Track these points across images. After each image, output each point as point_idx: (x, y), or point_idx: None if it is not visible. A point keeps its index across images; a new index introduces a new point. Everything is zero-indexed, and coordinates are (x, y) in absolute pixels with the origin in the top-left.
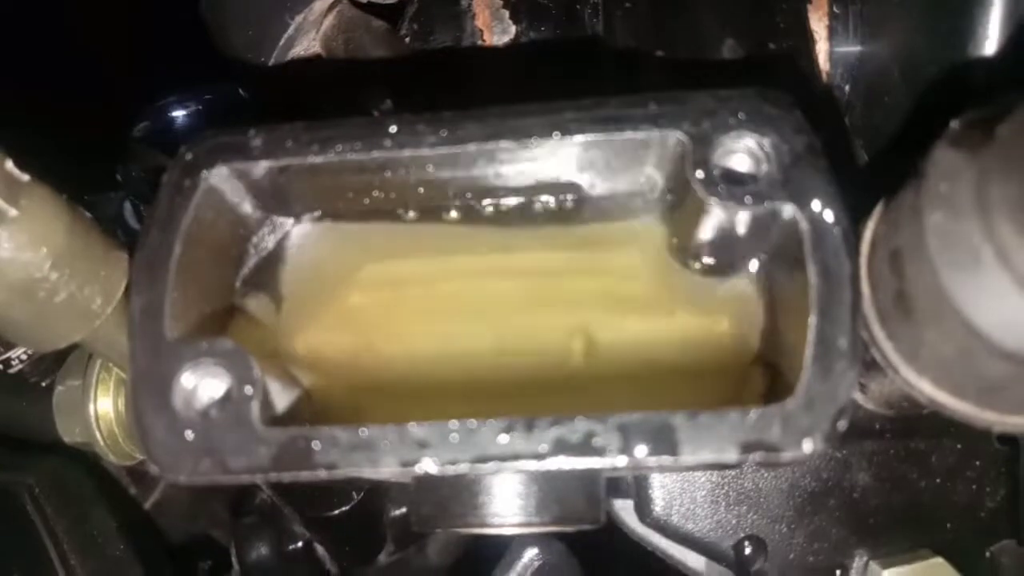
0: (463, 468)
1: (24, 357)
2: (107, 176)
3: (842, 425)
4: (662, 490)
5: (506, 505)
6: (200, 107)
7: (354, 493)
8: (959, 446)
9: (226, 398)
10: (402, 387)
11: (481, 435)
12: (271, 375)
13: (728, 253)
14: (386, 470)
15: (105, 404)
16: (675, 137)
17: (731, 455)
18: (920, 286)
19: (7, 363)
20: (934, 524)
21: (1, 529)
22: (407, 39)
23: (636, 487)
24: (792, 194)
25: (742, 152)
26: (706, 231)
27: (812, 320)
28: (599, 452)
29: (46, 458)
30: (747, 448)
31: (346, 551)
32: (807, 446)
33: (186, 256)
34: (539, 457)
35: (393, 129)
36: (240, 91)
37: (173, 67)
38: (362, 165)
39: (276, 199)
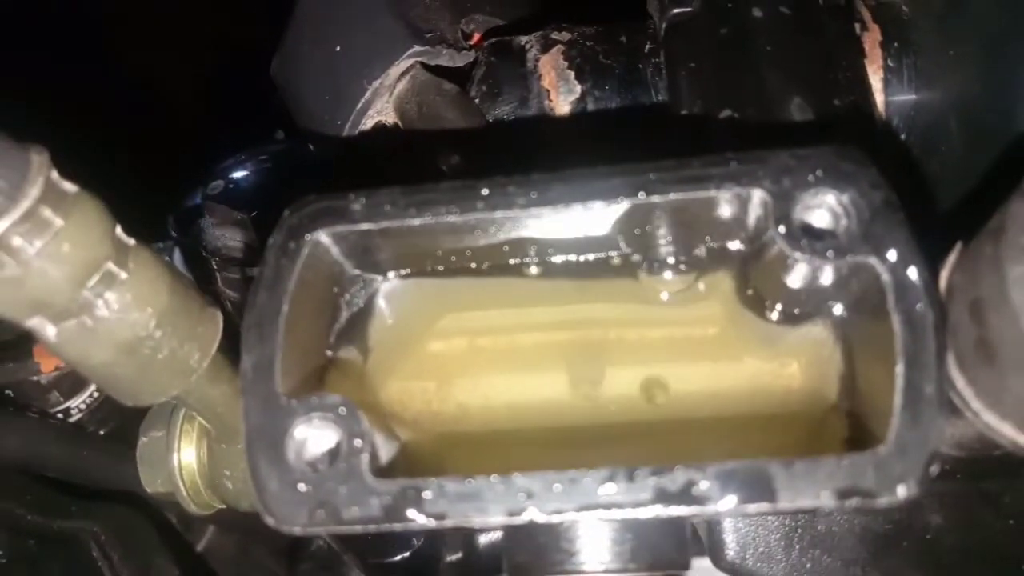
0: (567, 517)
1: (83, 407)
2: (159, 224)
3: (934, 470)
4: (735, 534)
5: (601, 552)
6: (268, 165)
7: (413, 539)
8: None
9: (337, 451)
10: (481, 436)
11: (584, 485)
12: (374, 427)
13: (805, 303)
14: (493, 519)
15: (188, 455)
16: (756, 195)
17: (828, 501)
18: (1003, 335)
19: (67, 412)
20: (1008, 565)
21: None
22: (476, 99)
23: (708, 531)
24: (873, 247)
25: (822, 208)
26: (785, 283)
27: (899, 369)
28: (699, 501)
29: (110, 506)
30: (843, 495)
31: None
32: (902, 491)
33: (292, 314)
34: (641, 505)
35: (485, 192)
36: (308, 147)
37: (237, 124)
38: (454, 227)
39: (370, 258)
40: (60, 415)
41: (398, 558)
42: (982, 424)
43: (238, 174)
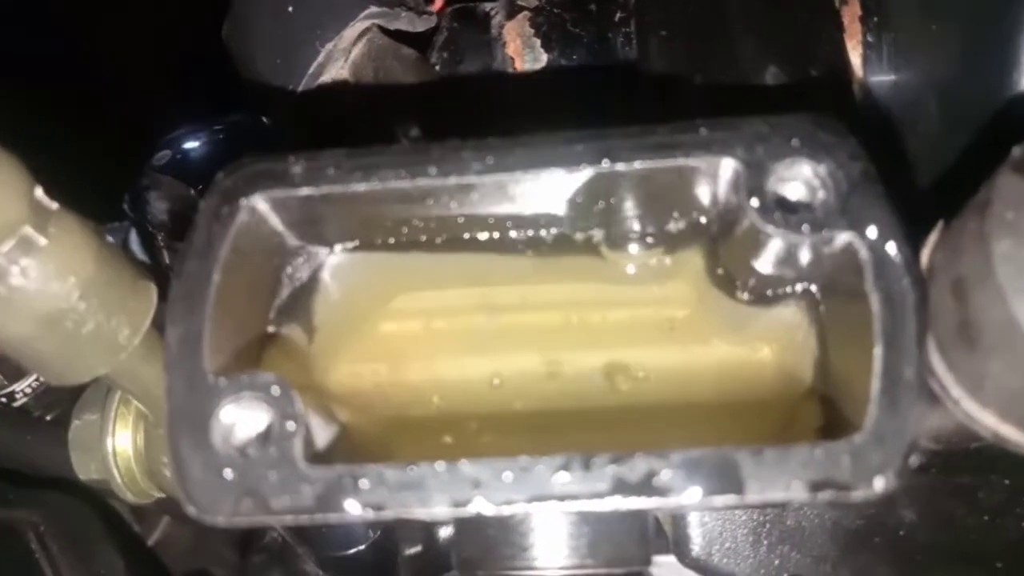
0: (518, 508)
1: (28, 390)
2: (113, 205)
3: (913, 461)
4: (701, 528)
5: (556, 547)
6: (221, 136)
7: (370, 532)
8: (1007, 482)
9: (267, 434)
10: (434, 421)
11: (536, 473)
12: (311, 410)
13: (778, 282)
14: (437, 510)
15: (124, 440)
16: (728, 164)
17: (799, 493)
18: (987, 315)
19: (11, 396)
20: (983, 562)
21: (5, 569)
22: (437, 67)
23: (673, 525)
24: (850, 222)
25: (797, 180)
26: (757, 260)
27: (877, 351)
28: (661, 492)
29: (51, 494)
30: (816, 487)
31: None
32: (879, 484)
33: (224, 286)
34: (598, 496)
35: (437, 156)
36: (263, 119)
37: (188, 95)
38: (405, 194)
39: (313, 228)
40: (3, 399)
41: (353, 551)
42: (962, 413)
43: (188, 145)
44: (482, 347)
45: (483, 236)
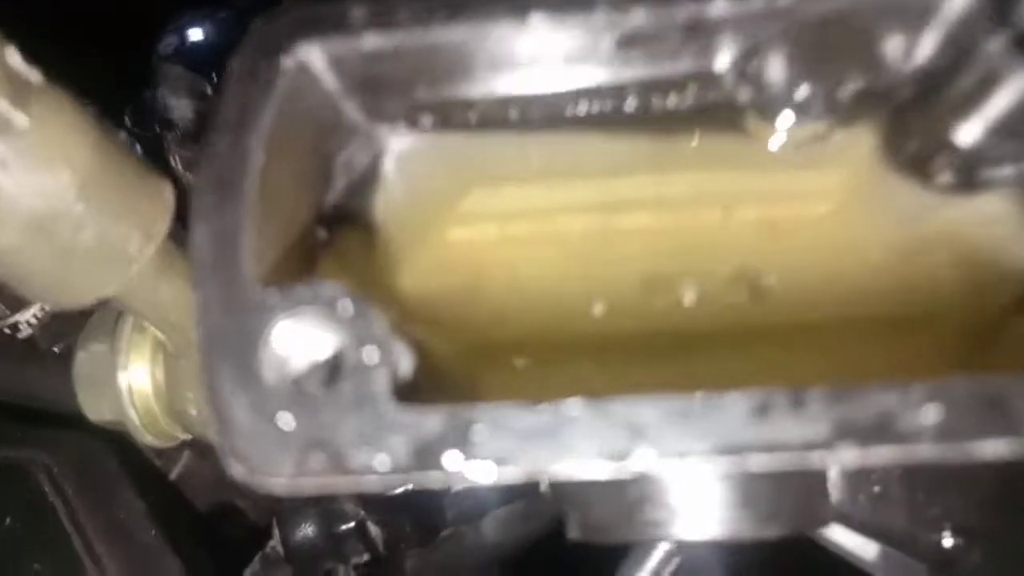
0: (701, 463)
1: (34, 320)
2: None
3: None
4: (843, 473)
5: (719, 510)
6: (234, 22)
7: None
8: None
9: (338, 365)
10: (525, 348)
11: (725, 413)
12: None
13: (991, 157)
14: (585, 466)
15: (140, 374)
16: None
17: None
18: None
19: (15, 328)
20: None
21: (17, 514)
22: None
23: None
24: None
25: None
26: (975, 124)
27: None
28: (906, 438)
29: (64, 432)
30: None
31: (404, 531)
32: None
33: (267, 169)
34: (819, 447)
35: None
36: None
37: None
38: (504, 42)
39: (379, 96)
40: (7, 331)
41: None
42: None
43: (196, 32)
44: (575, 256)
45: (591, 110)
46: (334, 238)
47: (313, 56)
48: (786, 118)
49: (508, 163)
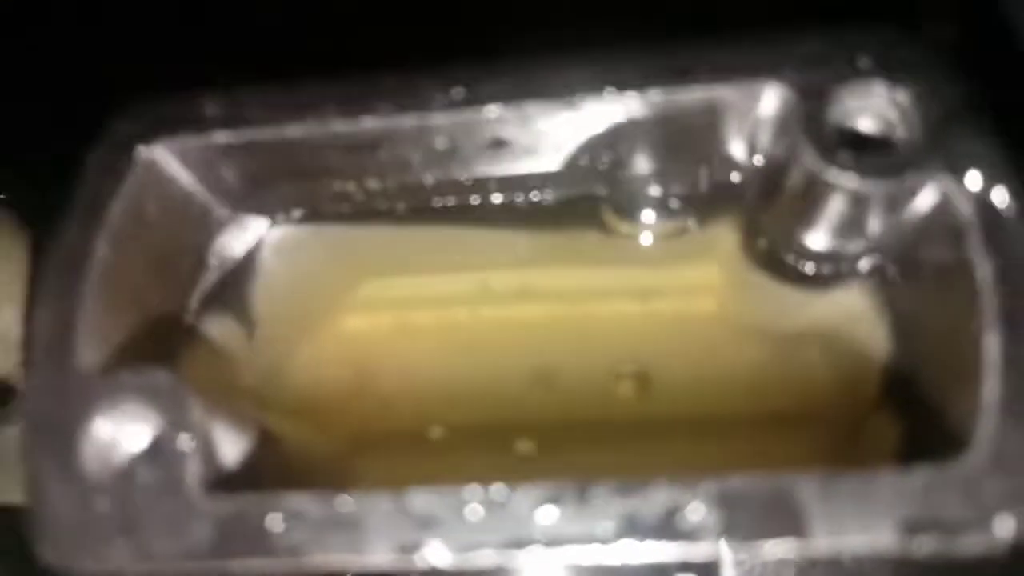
0: (487, 557)
1: None
2: None
3: None
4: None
5: None
6: None
7: None
8: None
9: (154, 451)
10: (406, 438)
11: (514, 508)
12: (227, 418)
13: (839, 256)
14: (375, 558)
15: None
16: (773, 91)
17: (886, 537)
18: None
19: None
20: None
21: None
22: None
23: None
24: (945, 166)
25: (869, 111)
26: (813, 226)
27: (990, 341)
28: (687, 535)
29: None
30: (913, 527)
31: None
32: (1004, 527)
33: (115, 259)
34: (598, 541)
35: (392, 87)
36: None
37: None
38: (352, 139)
39: (242, 191)
40: None
41: None
42: None
43: None
44: (465, 346)
45: (458, 202)
46: (208, 326)
47: (165, 153)
48: (647, 214)
49: (393, 254)
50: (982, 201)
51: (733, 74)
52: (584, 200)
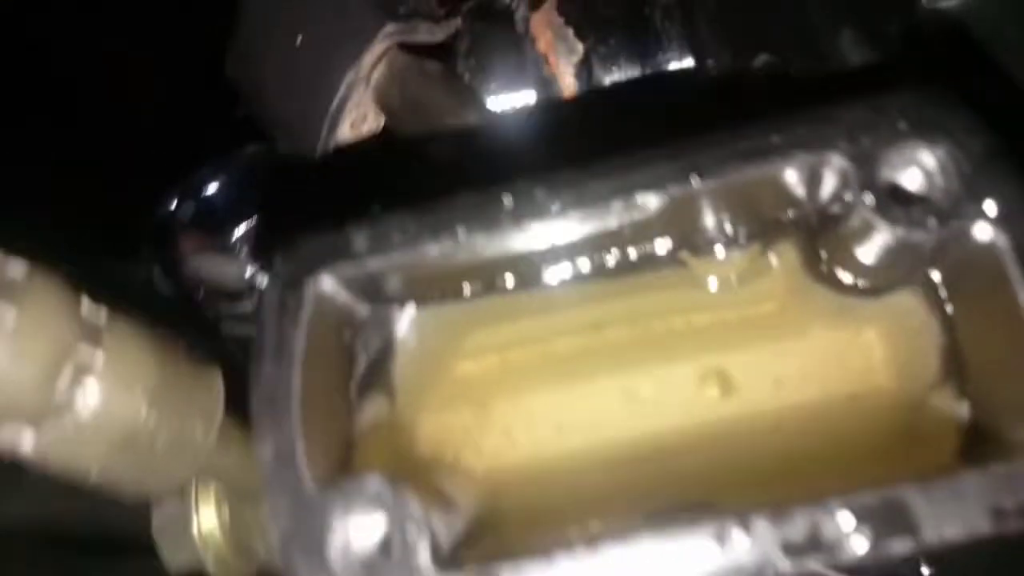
0: None
1: None
2: (130, 244)
3: None
4: None
5: None
6: (241, 173)
7: None
8: None
9: (387, 544)
10: (533, 464)
11: (692, 548)
12: (430, 501)
13: (893, 274)
14: None
15: (209, 518)
16: (832, 161)
17: (983, 524)
18: None
19: None
20: None
21: None
22: (465, 76)
23: None
24: (980, 208)
25: (911, 166)
26: (870, 254)
27: None
28: (831, 548)
29: (137, 564)
30: (1002, 514)
31: None
32: None
33: (307, 383)
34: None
35: (509, 203)
36: (277, 147)
37: (195, 124)
38: (478, 247)
39: (383, 293)
40: None
41: None
42: None
43: (209, 190)
44: (564, 374)
45: (559, 268)
46: (364, 406)
47: (329, 281)
48: (715, 252)
49: (498, 310)
50: (1018, 234)
51: (797, 150)
52: (666, 251)
